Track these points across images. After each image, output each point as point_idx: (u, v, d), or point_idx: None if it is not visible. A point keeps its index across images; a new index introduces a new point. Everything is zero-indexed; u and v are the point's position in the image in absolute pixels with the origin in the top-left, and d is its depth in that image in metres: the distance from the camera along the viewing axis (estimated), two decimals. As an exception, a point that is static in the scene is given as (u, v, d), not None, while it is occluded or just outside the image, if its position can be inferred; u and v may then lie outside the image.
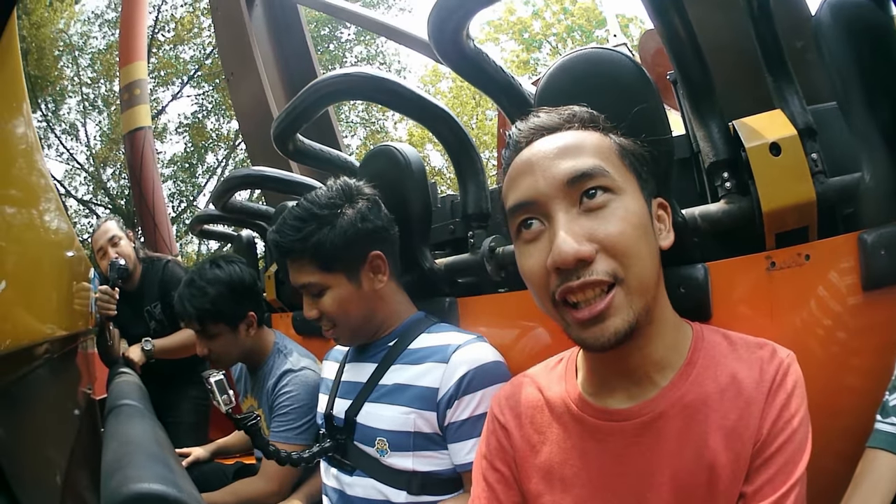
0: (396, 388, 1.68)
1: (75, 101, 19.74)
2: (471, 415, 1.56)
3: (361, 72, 1.83)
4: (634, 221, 1.03)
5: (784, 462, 1.00)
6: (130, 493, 1.13)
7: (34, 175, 1.76)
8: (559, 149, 1.07)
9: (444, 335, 1.72)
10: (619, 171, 1.06)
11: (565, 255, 0.98)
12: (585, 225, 1.01)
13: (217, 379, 1.78)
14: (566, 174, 1.03)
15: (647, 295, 1.03)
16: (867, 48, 1.36)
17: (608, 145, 1.09)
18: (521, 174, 1.09)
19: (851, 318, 1.29)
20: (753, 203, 1.34)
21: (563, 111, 1.14)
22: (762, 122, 1.40)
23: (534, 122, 1.14)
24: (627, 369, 1.10)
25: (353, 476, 1.72)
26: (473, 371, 1.58)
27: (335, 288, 1.71)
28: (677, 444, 1.05)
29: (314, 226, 1.69)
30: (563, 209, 1.03)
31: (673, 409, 1.06)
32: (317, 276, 1.71)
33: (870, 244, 1.26)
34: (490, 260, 1.76)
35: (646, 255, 1.03)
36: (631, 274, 1.00)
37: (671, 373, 1.09)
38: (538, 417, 1.22)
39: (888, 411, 1.11)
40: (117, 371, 3.16)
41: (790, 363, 1.06)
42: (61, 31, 18.47)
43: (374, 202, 1.78)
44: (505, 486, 1.24)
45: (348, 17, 5.48)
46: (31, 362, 1.61)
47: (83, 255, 3.11)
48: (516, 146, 1.14)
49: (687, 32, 1.33)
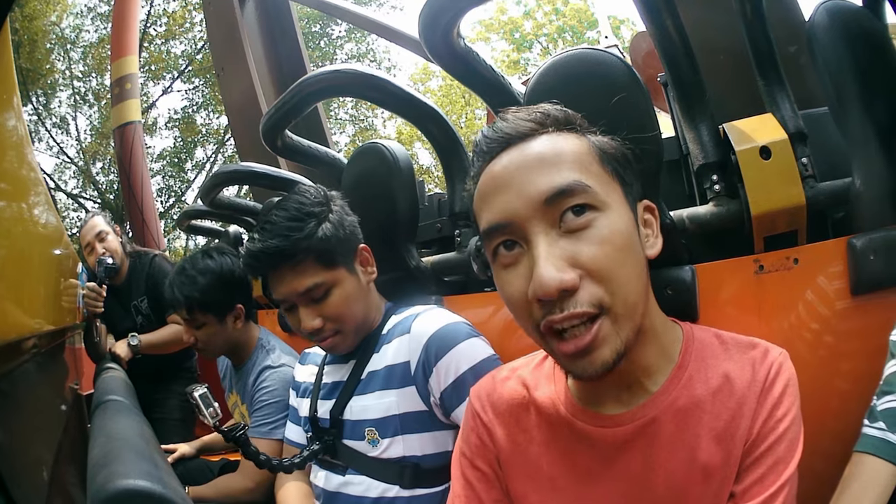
0: (373, 376, 1.69)
1: (66, 95, 19.70)
2: (455, 377, 1.55)
3: (351, 69, 1.82)
4: (619, 242, 0.95)
5: (774, 461, 0.99)
6: (117, 489, 1.13)
7: (24, 169, 1.75)
8: (534, 161, 0.98)
9: (406, 312, 1.75)
10: (601, 181, 0.99)
11: (547, 287, 0.90)
12: (567, 248, 0.94)
13: (201, 393, 1.76)
14: (544, 192, 0.95)
15: (636, 317, 0.98)
16: (861, 54, 1.37)
17: (587, 151, 1.01)
18: (493, 191, 1.01)
19: (840, 323, 1.30)
20: (742, 206, 1.35)
21: (535, 111, 1.05)
22: (753, 126, 1.40)
23: (501, 129, 1.04)
24: (617, 376, 1.04)
25: (345, 475, 1.71)
26: (435, 333, 1.60)
27: (341, 283, 1.69)
28: (670, 447, 1.04)
29: (313, 222, 1.66)
30: (542, 231, 0.95)
31: (665, 413, 1.05)
32: (322, 275, 1.66)
33: (859, 249, 1.26)
34: (476, 259, 1.77)
35: (633, 277, 0.97)
36: (617, 300, 0.93)
37: (662, 377, 1.07)
38: (524, 417, 1.20)
39: (876, 416, 1.12)
40: (104, 366, 3.15)
41: (782, 361, 1.05)
42: (54, 23, 18.42)
43: (344, 200, 1.79)
44: (486, 484, 1.22)
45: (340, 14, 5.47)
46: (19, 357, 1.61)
47: (71, 249, 3.11)
48: (484, 156, 1.05)
49: (679, 34, 1.34)
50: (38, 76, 17.90)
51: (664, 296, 1.29)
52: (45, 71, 18.35)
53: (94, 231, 3.65)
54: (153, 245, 9.27)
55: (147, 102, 19.45)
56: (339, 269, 1.68)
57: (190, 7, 19.46)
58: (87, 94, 19.70)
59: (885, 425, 1.09)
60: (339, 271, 1.68)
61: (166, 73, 20.31)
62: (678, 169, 1.78)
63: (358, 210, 1.79)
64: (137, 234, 9.71)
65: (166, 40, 20.05)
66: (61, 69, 19.26)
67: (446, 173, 1.96)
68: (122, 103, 9.95)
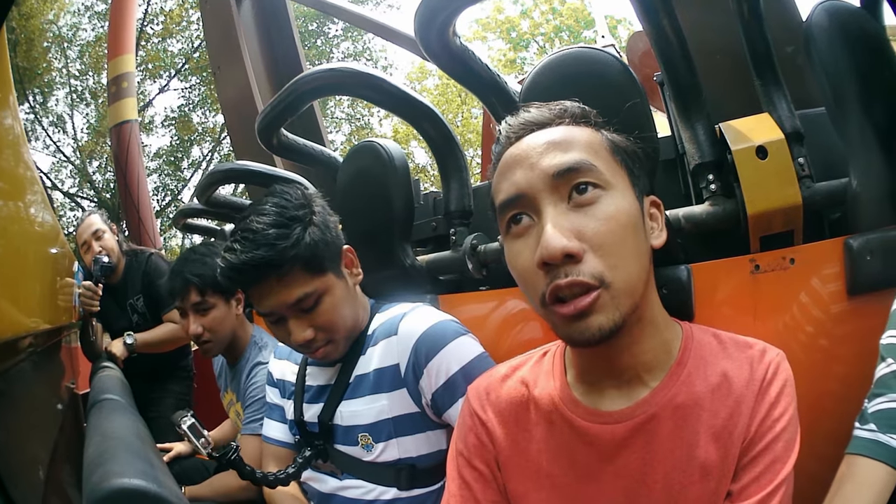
0: (362, 380, 1.67)
1: (63, 94, 19.67)
2: (446, 377, 1.54)
3: (347, 67, 1.83)
4: (623, 220, 1.01)
5: (771, 461, 1.00)
6: (112, 487, 1.13)
7: (20, 167, 1.75)
8: (548, 143, 1.06)
9: (391, 310, 1.72)
10: (610, 167, 1.05)
11: (552, 250, 0.96)
12: (574, 220, 1.00)
13: (189, 423, 1.76)
14: (554, 168, 1.02)
15: (635, 295, 1.02)
16: (858, 55, 1.37)
17: (599, 141, 1.08)
18: (509, 168, 1.08)
19: (836, 323, 1.30)
20: (738, 206, 1.35)
21: (555, 106, 1.13)
22: (749, 125, 1.40)
23: (524, 117, 1.12)
24: (617, 369, 1.09)
25: (342, 480, 1.70)
26: (423, 334, 1.58)
27: (331, 290, 1.61)
28: (669, 444, 1.05)
29: (299, 227, 1.56)
30: (551, 203, 1.01)
31: (664, 410, 1.06)
32: (312, 284, 1.57)
33: (856, 249, 1.26)
34: (472, 257, 1.77)
35: (634, 255, 1.02)
36: (618, 275, 0.98)
37: (661, 373, 1.09)
38: (523, 415, 1.21)
39: (867, 418, 1.12)
40: (100, 365, 3.16)
41: (780, 362, 1.06)
42: (51, 21, 18.38)
43: (324, 199, 1.74)
44: (483, 484, 1.22)
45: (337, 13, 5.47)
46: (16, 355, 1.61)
47: (68, 248, 3.10)
48: (506, 141, 1.13)
49: (675, 34, 1.33)
50: (34, 74, 17.84)
51: (660, 295, 1.29)
52: (42, 69, 18.29)
53: (91, 229, 3.64)
54: (149, 244, 9.24)
55: (144, 101, 19.43)
56: (327, 276, 1.61)
57: (187, 5, 19.44)
58: (84, 93, 19.68)
59: (876, 427, 1.10)
60: (327, 277, 1.61)
61: (163, 72, 20.27)
62: (674, 168, 1.78)
63: (353, 209, 1.78)
64: (134, 233, 9.68)
65: (163, 38, 20.02)
66: (58, 67, 19.23)
67: (442, 172, 1.96)
68: (119, 102, 9.91)
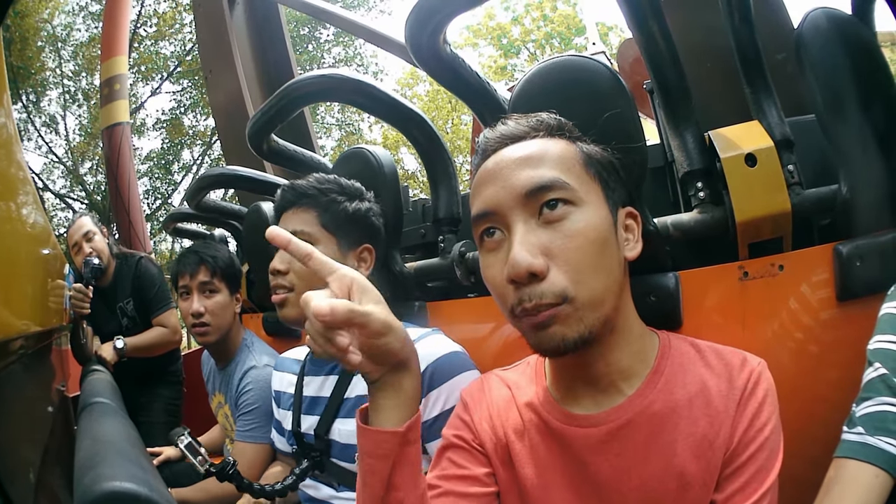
0: (361, 401, 1.65)
1: (56, 94, 19.56)
2: (441, 410, 1.54)
3: (337, 74, 1.83)
4: (592, 235, 1.02)
5: (756, 470, 1.01)
6: (103, 491, 1.13)
7: (12, 167, 1.75)
8: (521, 159, 1.07)
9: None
10: (582, 182, 1.07)
11: (517, 269, 0.99)
12: (542, 237, 1.02)
13: (186, 443, 1.79)
14: (525, 186, 1.04)
15: (603, 307, 1.03)
16: (849, 62, 1.38)
17: (572, 154, 1.09)
18: (484, 183, 1.10)
19: (825, 329, 1.31)
20: (727, 213, 1.36)
21: (531, 118, 1.15)
22: (738, 133, 1.41)
23: (500, 131, 1.14)
24: (592, 377, 1.11)
25: (339, 491, 1.71)
26: (433, 365, 1.57)
27: (323, 245, 1.69)
28: (645, 452, 1.06)
29: (336, 188, 1.75)
30: (521, 220, 1.04)
31: (640, 417, 1.07)
32: (313, 228, 1.70)
33: (846, 255, 1.27)
34: (460, 264, 1.78)
35: (602, 269, 1.03)
36: (581, 290, 1.00)
37: (638, 381, 1.10)
38: (510, 417, 1.22)
39: (854, 422, 1.13)
40: (90, 368, 3.15)
41: (761, 371, 1.07)
42: (45, 20, 18.31)
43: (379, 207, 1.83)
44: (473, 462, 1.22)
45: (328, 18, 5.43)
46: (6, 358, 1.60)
47: (59, 250, 3.09)
48: (483, 154, 1.15)
49: (665, 41, 1.34)
50: (28, 74, 17.78)
51: (647, 303, 1.29)
52: (36, 69, 18.22)
53: (82, 231, 3.64)
54: (139, 247, 9.21)
55: (136, 103, 19.36)
56: (329, 235, 1.71)
57: (180, 8, 19.39)
58: (77, 94, 19.59)
59: (864, 430, 1.11)
60: (329, 236, 1.71)
61: (155, 74, 20.21)
62: (663, 176, 1.78)
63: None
64: (124, 236, 9.64)
65: (156, 41, 19.95)
66: (52, 67, 19.16)
67: (430, 179, 1.97)
68: (111, 104, 9.88)
